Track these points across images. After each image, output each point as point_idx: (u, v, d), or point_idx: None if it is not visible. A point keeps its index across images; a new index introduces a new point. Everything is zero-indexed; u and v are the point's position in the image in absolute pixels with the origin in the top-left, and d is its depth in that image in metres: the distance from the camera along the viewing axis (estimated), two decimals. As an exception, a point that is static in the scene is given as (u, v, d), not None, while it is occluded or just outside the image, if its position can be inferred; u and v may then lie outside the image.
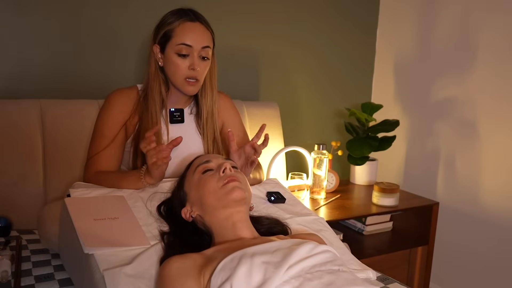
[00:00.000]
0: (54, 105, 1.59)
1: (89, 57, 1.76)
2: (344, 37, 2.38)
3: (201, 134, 1.45)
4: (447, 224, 2.14)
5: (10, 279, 1.13)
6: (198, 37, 1.31)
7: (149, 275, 0.98)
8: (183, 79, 1.33)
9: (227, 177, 1.03)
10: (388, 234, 2.16)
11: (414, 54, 2.30)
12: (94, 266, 0.98)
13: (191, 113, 1.46)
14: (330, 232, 1.29)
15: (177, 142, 1.20)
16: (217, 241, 1.03)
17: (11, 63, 1.63)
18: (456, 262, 2.13)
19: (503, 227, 1.93)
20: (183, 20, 1.31)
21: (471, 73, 2.02)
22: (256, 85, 2.17)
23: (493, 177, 1.97)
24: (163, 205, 1.18)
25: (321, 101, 2.38)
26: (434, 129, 2.21)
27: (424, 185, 2.25)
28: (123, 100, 1.39)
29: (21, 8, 1.61)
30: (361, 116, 2.07)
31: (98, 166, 1.34)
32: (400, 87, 2.40)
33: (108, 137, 1.35)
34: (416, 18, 2.28)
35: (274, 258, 0.85)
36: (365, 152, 2.05)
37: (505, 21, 1.88)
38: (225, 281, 0.82)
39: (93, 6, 1.73)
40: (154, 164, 1.18)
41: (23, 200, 1.52)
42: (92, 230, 1.06)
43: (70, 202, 1.15)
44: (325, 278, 0.82)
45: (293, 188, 1.99)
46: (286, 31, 2.19)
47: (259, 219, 1.16)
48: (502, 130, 1.92)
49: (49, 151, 1.55)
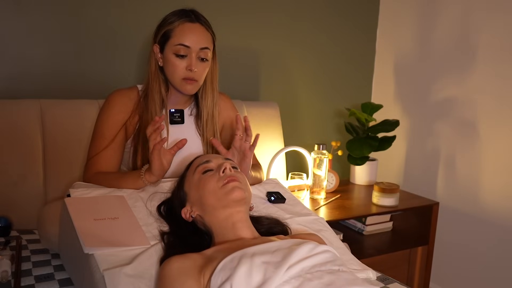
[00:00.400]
0: (54, 105, 1.58)
1: (89, 57, 1.76)
2: (344, 37, 2.38)
3: (201, 136, 1.45)
4: (447, 224, 2.14)
5: (10, 279, 1.13)
6: (197, 38, 1.30)
7: (149, 275, 0.98)
8: (180, 79, 1.33)
9: (227, 177, 1.03)
10: (388, 234, 2.16)
11: (414, 54, 2.30)
12: (94, 266, 0.98)
13: (191, 114, 1.46)
14: (330, 232, 1.29)
15: (182, 144, 1.21)
16: (217, 241, 1.03)
17: (11, 63, 1.63)
18: (456, 262, 2.13)
19: (503, 227, 1.93)
20: (183, 21, 1.31)
21: (471, 73, 2.03)
22: (256, 85, 2.17)
23: (493, 177, 1.97)
24: (163, 205, 1.18)
25: (321, 101, 2.38)
26: (434, 129, 2.21)
27: (424, 185, 2.25)
28: (123, 101, 1.38)
29: (21, 8, 1.61)
30: (361, 116, 2.07)
31: (98, 166, 1.34)
32: (400, 87, 2.40)
33: (108, 138, 1.35)
34: (416, 18, 2.28)
35: (274, 258, 0.85)
36: (365, 152, 2.05)
37: (505, 21, 1.88)
38: (225, 281, 0.82)
39: (93, 6, 1.73)
40: (155, 149, 1.19)
41: (23, 200, 1.52)
42: (92, 230, 1.06)
43: (70, 202, 1.15)
44: (325, 278, 0.82)
45: (293, 188, 1.99)
46: (286, 31, 2.19)
47: (259, 219, 1.16)
48: (502, 130, 1.92)
49: (49, 151, 1.55)
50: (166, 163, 1.22)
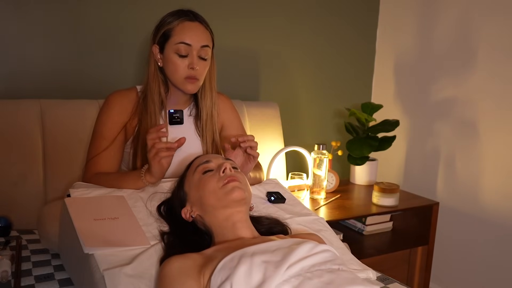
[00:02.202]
0: (54, 105, 1.59)
1: (89, 57, 1.76)
2: (344, 37, 2.38)
3: (200, 136, 1.45)
4: (447, 224, 2.14)
5: (10, 279, 1.13)
6: (197, 36, 1.31)
7: (149, 275, 0.98)
8: (182, 78, 1.32)
9: (227, 177, 1.03)
10: (388, 234, 2.16)
11: (414, 54, 2.30)
12: (94, 266, 0.98)
13: (190, 114, 1.46)
14: (330, 232, 1.29)
15: (181, 143, 1.21)
16: (217, 241, 1.03)
17: (11, 63, 1.63)
18: (456, 262, 2.13)
19: (503, 226, 1.93)
20: (182, 20, 1.31)
21: (471, 73, 2.03)
22: (256, 85, 2.17)
23: (493, 177, 1.97)
24: (163, 205, 1.18)
25: (321, 101, 2.38)
26: (434, 129, 2.21)
27: (424, 185, 2.25)
28: (122, 102, 1.38)
29: (21, 8, 1.61)
30: (361, 116, 2.07)
31: (98, 167, 1.34)
32: (400, 87, 2.40)
33: (107, 139, 1.35)
34: (416, 18, 2.28)
35: (274, 258, 0.85)
36: (365, 152, 2.05)
37: (505, 21, 1.88)
38: (225, 280, 0.82)
39: (94, 6, 1.73)
40: (156, 156, 1.18)
41: (23, 200, 1.52)
42: (92, 230, 1.06)
43: (70, 202, 1.15)
44: (325, 277, 0.82)
45: (293, 188, 1.99)
46: (287, 31, 2.20)
47: (259, 219, 1.16)
48: (502, 130, 1.92)
49: (49, 151, 1.56)
50: (166, 163, 1.22)
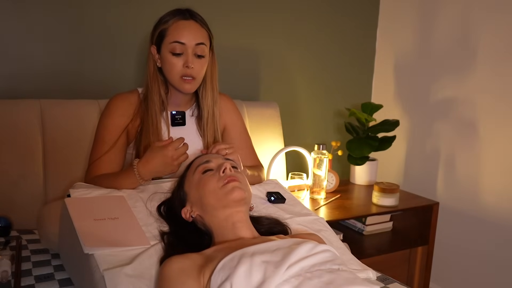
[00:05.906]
0: (54, 105, 1.58)
1: (89, 57, 1.76)
2: (344, 37, 2.38)
3: (202, 136, 1.45)
4: (447, 224, 2.14)
5: (10, 279, 1.13)
6: (191, 35, 1.30)
7: (149, 275, 0.98)
8: (179, 77, 1.32)
9: (227, 177, 1.03)
10: (388, 234, 2.16)
11: (414, 54, 2.30)
12: (94, 266, 0.98)
13: (192, 115, 1.46)
14: (330, 232, 1.29)
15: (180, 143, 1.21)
16: (217, 241, 1.03)
17: (11, 63, 1.63)
18: (456, 262, 2.13)
19: (503, 227, 1.93)
20: (177, 19, 1.31)
21: (471, 73, 2.03)
22: (256, 85, 2.17)
23: (493, 177, 1.97)
24: (163, 205, 1.18)
25: (321, 101, 2.38)
26: (434, 129, 2.21)
27: (424, 185, 2.25)
28: (124, 105, 1.38)
29: (21, 7, 1.61)
30: (361, 116, 2.07)
31: (99, 171, 1.34)
32: (400, 87, 2.40)
33: (109, 142, 1.35)
34: (416, 18, 2.28)
35: (274, 257, 0.85)
36: (365, 152, 2.05)
37: (505, 21, 1.88)
38: (225, 280, 0.82)
39: (94, 6, 1.73)
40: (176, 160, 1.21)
41: (23, 200, 1.52)
42: (92, 230, 1.06)
43: (70, 202, 1.15)
44: (325, 277, 0.82)
45: (293, 188, 1.99)
46: (286, 31, 2.20)
47: (259, 219, 1.16)
48: (502, 130, 1.92)
49: (49, 151, 1.55)
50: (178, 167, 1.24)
